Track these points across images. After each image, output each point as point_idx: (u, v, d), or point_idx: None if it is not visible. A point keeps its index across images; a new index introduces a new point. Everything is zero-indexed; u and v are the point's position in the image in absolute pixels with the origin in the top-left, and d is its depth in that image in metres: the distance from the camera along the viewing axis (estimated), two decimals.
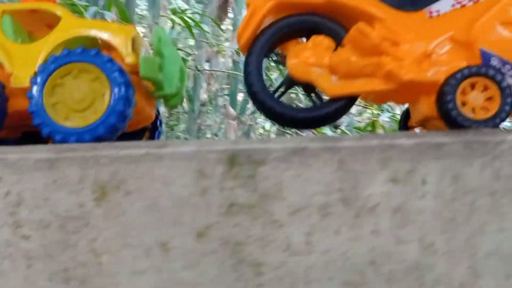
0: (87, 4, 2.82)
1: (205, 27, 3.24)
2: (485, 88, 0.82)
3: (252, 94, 0.95)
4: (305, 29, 0.95)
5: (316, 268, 0.72)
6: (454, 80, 0.82)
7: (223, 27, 3.89)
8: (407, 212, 0.72)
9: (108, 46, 0.90)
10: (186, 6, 4.30)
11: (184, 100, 3.14)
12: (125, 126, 0.86)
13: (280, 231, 0.72)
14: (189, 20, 3.02)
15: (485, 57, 0.86)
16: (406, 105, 1.07)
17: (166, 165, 0.74)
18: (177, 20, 3.40)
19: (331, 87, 0.91)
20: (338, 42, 0.92)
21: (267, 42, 0.95)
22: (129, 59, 0.87)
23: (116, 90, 0.81)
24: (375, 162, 0.73)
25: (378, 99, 1.02)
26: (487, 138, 0.73)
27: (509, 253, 0.71)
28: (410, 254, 0.71)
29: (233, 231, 0.73)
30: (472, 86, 0.82)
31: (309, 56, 0.92)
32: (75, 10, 2.67)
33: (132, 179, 0.74)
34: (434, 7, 0.92)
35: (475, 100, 0.82)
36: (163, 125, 1.13)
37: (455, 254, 0.71)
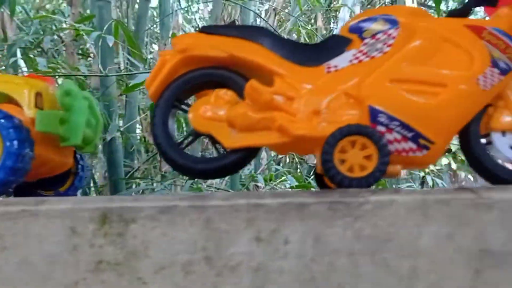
0: (91, 29, 2.92)
1: None
2: (364, 147, 0.84)
3: (156, 145, 0.98)
4: (213, 82, 0.99)
5: None
6: (332, 139, 0.84)
7: None
8: (268, 272, 0.73)
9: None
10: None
11: None
12: (20, 179, 0.90)
13: None
14: None
15: (373, 113, 0.89)
16: None
17: (41, 222, 0.77)
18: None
19: (228, 139, 0.94)
20: (241, 95, 0.96)
21: (173, 95, 0.99)
22: (29, 113, 0.92)
23: (7, 145, 0.86)
24: (241, 222, 0.75)
25: (280, 150, 1.04)
26: (351, 199, 0.75)
27: None
28: None
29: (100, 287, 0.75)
30: (353, 144, 0.85)
31: (208, 109, 0.95)
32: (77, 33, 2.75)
33: (9, 235, 0.77)
34: (332, 62, 0.96)
35: (354, 158, 0.84)
36: (86, 170, 1.16)
37: None
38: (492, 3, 0.96)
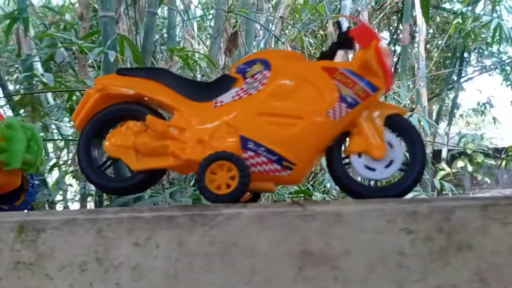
0: (92, 45, 3.12)
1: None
2: (229, 169, 1.05)
3: (79, 167, 1.21)
4: (127, 115, 1.21)
5: None
6: (204, 163, 1.05)
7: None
8: (143, 269, 0.94)
9: None
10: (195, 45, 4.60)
11: None
12: None
13: (50, 283, 0.96)
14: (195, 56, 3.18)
15: (243, 141, 1.10)
16: None
17: None
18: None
19: (134, 163, 1.16)
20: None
21: (94, 126, 1.21)
22: None
23: None
24: (124, 231, 0.97)
25: (179, 170, 1.24)
26: (207, 212, 0.96)
27: None
28: None
29: (18, 283, 0.97)
30: (221, 167, 1.06)
31: (118, 138, 1.17)
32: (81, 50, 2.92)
33: None
34: (220, 98, 1.17)
35: (221, 178, 1.05)
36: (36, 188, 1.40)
37: None
38: (349, 47, 1.16)
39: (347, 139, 1.15)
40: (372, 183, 1.15)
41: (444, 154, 6.15)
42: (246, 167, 1.05)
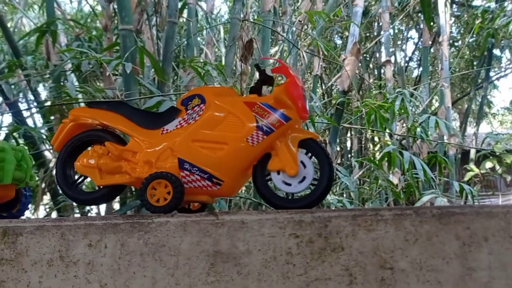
0: (110, 58, 3.41)
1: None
2: (166, 185, 1.32)
3: (57, 182, 1.50)
4: (94, 140, 1.50)
5: None
6: (145, 181, 1.33)
7: None
8: (94, 265, 1.22)
9: None
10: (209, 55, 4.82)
11: None
12: None
13: (25, 275, 1.25)
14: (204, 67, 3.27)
15: (181, 162, 1.36)
16: None
17: None
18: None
19: (98, 179, 1.44)
20: None
21: (69, 149, 1.50)
22: None
23: None
24: (81, 234, 1.25)
25: (135, 185, 1.51)
26: (143, 220, 1.23)
27: None
28: None
29: (1, 274, 1.26)
30: (159, 184, 1.33)
31: (86, 159, 1.46)
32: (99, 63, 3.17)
33: None
34: (166, 126, 1.44)
35: (160, 193, 1.32)
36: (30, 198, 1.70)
37: None
38: (270, 84, 1.42)
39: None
40: (289, 196, 1.40)
41: (472, 155, 6.11)
42: (179, 184, 1.31)
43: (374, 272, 1.11)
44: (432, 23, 5.56)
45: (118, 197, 2.98)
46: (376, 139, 6.47)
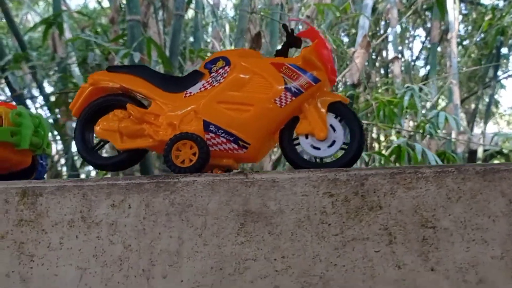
0: (118, 48, 3.38)
1: None
2: (191, 147, 1.27)
3: (76, 148, 1.45)
4: (114, 104, 1.45)
5: (61, 257, 1.17)
6: (170, 141, 1.28)
7: None
8: (118, 225, 1.17)
9: None
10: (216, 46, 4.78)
11: None
12: None
13: (45, 236, 1.20)
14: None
15: (206, 125, 1.31)
16: None
17: None
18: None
19: (118, 143, 1.39)
20: None
21: (88, 114, 1.45)
22: None
23: None
24: (103, 194, 1.19)
25: (156, 150, 1.46)
26: (169, 180, 1.18)
27: (175, 250, 1.13)
28: (116, 251, 1.15)
29: (21, 236, 1.21)
30: (184, 145, 1.28)
31: (106, 124, 1.41)
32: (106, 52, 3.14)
33: None
34: (189, 90, 1.39)
35: (185, 154, 1.27)
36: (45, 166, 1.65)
37: (141, 252, 1.14)
38: (297, 46, 1.37)
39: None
40: (318, 160, 1.34)
41: (480, 153, 6.08)
42: (205, 145, 1.26)
43: (415, 231, 1.05)
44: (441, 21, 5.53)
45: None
46: (382, 138, 6.42)
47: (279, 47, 1.45)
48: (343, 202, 1.10)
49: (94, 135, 1.47)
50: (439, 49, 6.53)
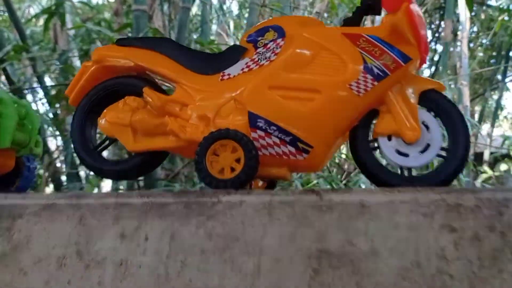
0: (123, 38, 3.12)
1: None
2: (234, 150, 0.89)
3: (73, 148, 1.08)
4: (127, 89, 1.07)
5: None
6: (204, 141, 0.90)
7: None
8: (129, 266, 0.80)
9: None
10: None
11: None
12: None
13: (24, 279, 0.83)
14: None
15: (252, 119, 0.94)
16: None
17: None
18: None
19: (130, 143, 1.02)
20: None
21: (90, 102, 1.08)
22: None
23: None
24: (109, 218, 0.83)
25: (182, 153, 1.09)
26: (205, 199, 0.81)
27: None
28: None
29: None
30: (224, 148, 0.90)
31: (114, 115, 1.03)
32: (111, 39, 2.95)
33: None
34: (227, 70, 1.02)
35: (224, 160, 0.89)
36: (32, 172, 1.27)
37: None
38: (377, 12, 0.98)
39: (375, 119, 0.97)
40: (405, 172, 0.97)
41: (486, 156, 5.88)
42: (253, 147, 0.89)
43: None
44: (452, 21, 5.26)
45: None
46: None
47: None
48: (472, 241, 0.72)
49: (98, 130, 1.10)
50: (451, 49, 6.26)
